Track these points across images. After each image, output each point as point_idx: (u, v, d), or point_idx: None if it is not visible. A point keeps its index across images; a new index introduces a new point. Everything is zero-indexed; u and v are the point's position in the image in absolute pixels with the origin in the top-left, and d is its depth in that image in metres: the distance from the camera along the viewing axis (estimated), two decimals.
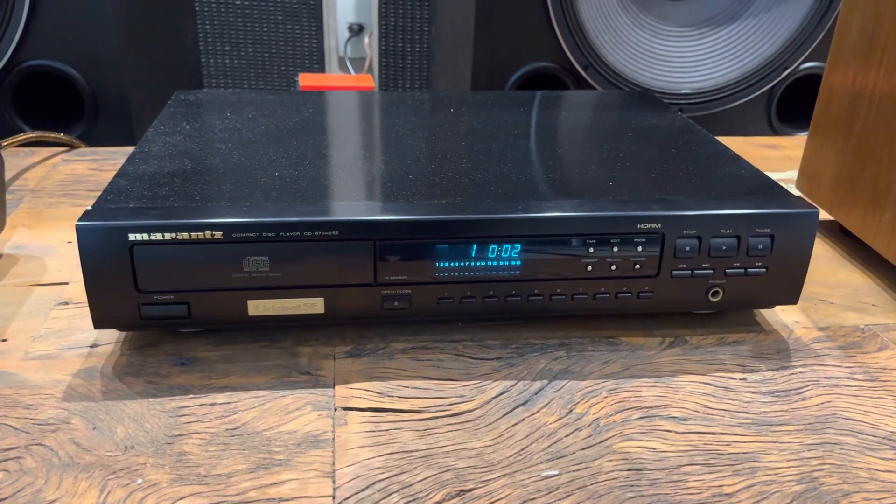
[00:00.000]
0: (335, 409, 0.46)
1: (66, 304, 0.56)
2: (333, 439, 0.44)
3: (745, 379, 0.50)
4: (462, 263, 0.50)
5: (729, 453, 0.44)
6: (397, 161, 0.57)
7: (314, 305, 0.50)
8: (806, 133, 0.96)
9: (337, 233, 0.48)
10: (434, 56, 1.14)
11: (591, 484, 0.41)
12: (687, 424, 0.46)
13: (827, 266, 0.67)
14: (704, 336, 0.55)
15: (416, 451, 0.43)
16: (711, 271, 0.52)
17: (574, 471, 0.42)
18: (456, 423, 0.45)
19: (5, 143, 0.72)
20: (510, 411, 0.47)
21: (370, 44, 1.26)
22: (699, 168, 0.58)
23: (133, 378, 0.49)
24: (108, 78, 1.02)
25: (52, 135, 0.82)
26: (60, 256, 0.63)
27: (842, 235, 0.72)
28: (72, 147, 0.86)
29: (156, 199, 0.49)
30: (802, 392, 0.49)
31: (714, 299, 0.53)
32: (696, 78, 1.09)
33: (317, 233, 0.47)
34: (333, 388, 0.48)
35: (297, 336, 0.53)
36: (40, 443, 0.43)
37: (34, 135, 0.81)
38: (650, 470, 0.42)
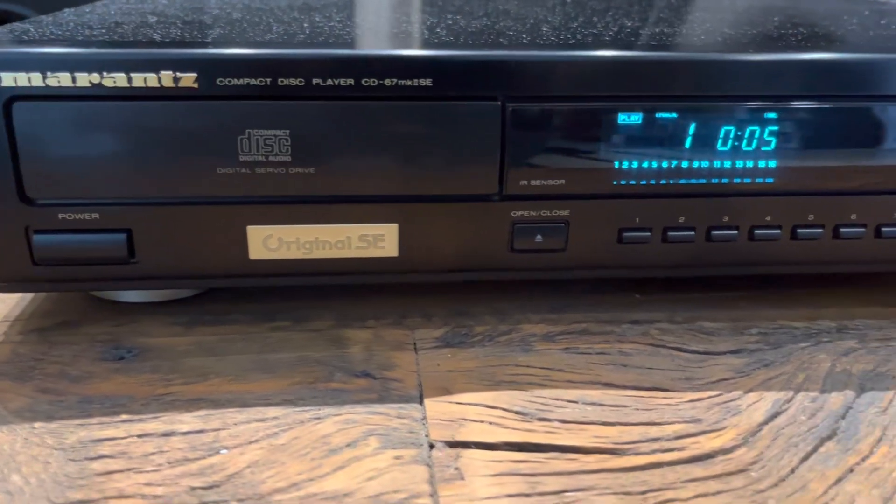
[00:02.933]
0: (430, 446, 0.21)
1: None
2: None
3: None
4: (668, 163, 0.25)
5: None
6: (518, 19, 0.33)
7: (380, 241, 0.25)
8: None
9: (430, 82, 0.23)
10: None
11: None
12: None
13: None
14: None
15: None
16: None
17: None
18: (708, 479, 0.20)
19: None
20: (812, 452, 0.21)
21: None
22: None
23: (14, 383, 0.24)
24: None
25: None
26: None
27: None
28: None
29: (79, 37, 0.25)
30: None
31: None
32: None
33: (390, 81, 0.23)
34: (421, 402, 0.23)
35: (339, 309, 0.29)
36: None
37: None
38: None
